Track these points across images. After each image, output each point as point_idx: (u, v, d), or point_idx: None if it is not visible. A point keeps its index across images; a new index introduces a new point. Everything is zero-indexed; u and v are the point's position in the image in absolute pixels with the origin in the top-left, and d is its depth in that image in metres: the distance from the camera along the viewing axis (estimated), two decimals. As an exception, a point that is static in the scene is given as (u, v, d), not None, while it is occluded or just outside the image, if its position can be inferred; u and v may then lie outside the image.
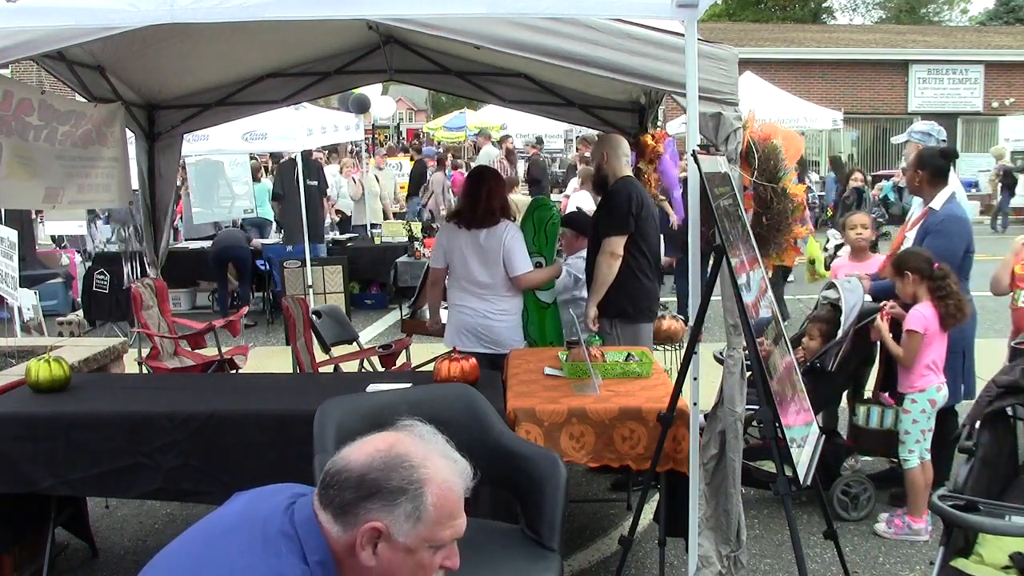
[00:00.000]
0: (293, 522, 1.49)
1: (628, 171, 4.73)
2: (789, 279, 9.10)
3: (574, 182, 11.64)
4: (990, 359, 5.41)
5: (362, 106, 10.13)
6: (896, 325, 4.05)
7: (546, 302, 4.67)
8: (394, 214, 13.67)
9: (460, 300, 4.42)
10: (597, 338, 4.12)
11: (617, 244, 4.42)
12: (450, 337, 4.42)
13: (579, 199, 9.35)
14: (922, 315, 3.91)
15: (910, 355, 3.94)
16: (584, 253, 5.47)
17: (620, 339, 4.47)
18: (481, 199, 4.29)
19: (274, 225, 11.62)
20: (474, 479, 1.55)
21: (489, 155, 14.68)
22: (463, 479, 1.53)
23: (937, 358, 3.99)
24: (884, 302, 4.15)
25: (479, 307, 4.34)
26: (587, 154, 12.59)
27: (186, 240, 11.00)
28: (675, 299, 8.67)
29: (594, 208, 8.90)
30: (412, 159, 17.72)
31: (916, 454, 4.00)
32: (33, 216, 10.02)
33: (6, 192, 3.96)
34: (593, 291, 4.52)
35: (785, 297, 8.50)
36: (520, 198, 9.69)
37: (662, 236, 5.80)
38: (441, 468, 1.50)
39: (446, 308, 6.51)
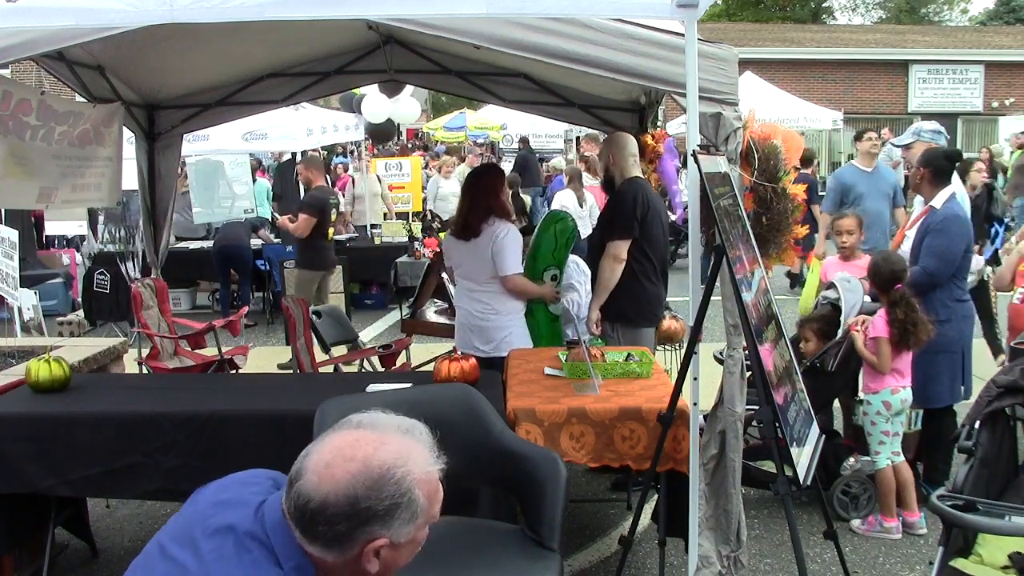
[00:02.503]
0: (264, 526, 1.44)
1: (636, 171, 4.63)
2: None
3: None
4: (989, 359, 5.41)
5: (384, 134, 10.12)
6: None
7: (557, 315, 4.67)
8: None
9: (459, 302, 4.50)
10: (599, 341, 4.11)
11: (620, 248, 4.40)
12: (457, 337, 4.52)
13: (563, 198, 9.33)
14: (884, 321, 3.94)
15: (884, 361, 3.95)
16: None
17: (621, 343, 4.46)
18: (462, 211, 4.39)
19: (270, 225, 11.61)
20: (442, 458, 1.48)
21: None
22: (431, 449, 1.47)
23: (899, 364, 3.99)
24: (859, 316, 4.16)
25: (472, 308, 4.38)
26: (587, 153, 12.52)
27: (178, 240, 10.95)
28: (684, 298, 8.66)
29: (577, 207, 8.96)
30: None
31: (883, 455, 4.00)
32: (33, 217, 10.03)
33: (2, 192, 3.97)
34: (596, 295, 4.50)
35: (780, 297, 8.44)
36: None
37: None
38: (417, 458, 1.44)
39: (434, 307, 6.57)
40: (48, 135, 4.13)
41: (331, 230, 7.65)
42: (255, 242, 10.32)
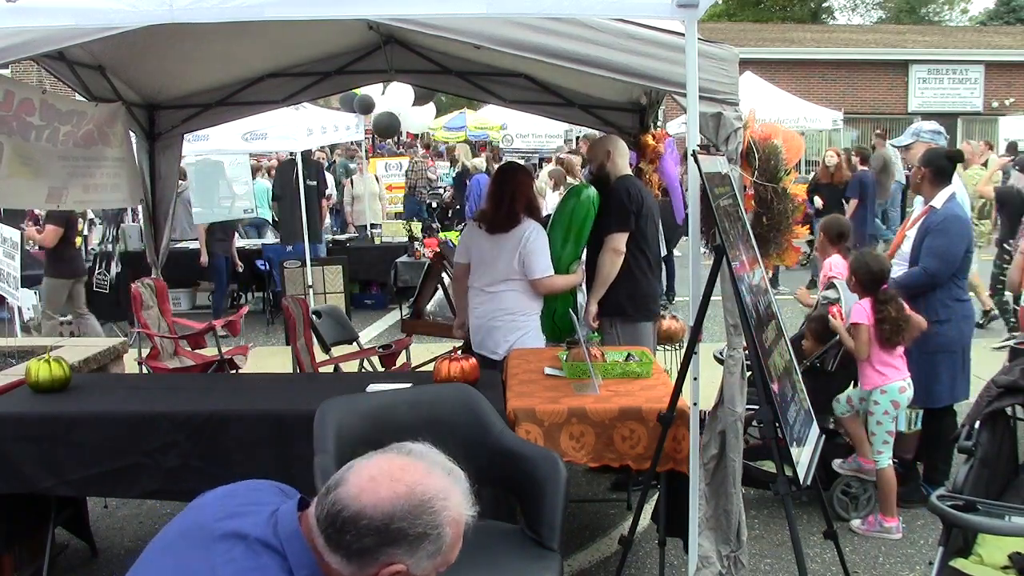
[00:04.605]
0: (277, 534, 1.45)
1: (628, 170, 4.74)
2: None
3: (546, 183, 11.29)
4: (989, 359, 5.42)
5: (366, 107, 10.16)
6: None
7: None
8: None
9: (475, 301, 4.39)
10: (596, 335, 4.10)
11: (619, 241, 4.42)
12: (472, 339, 4.41)
13: (553, 201, 9.29)
14: (862, 308, 3.94)
15: (862, 347, 3.95)
16: None
17: (620, 338, 4.47)
18: (504, 202, 4.23)
19: (271, 226, 11.60)
20: (470, 483, 1.52)
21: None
22: (468, 496, 1.50)
23: (895, 360, 3.97)
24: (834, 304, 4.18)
25: (490, 307, 4.29)
26: (562, 156, 12.57)
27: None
28: (684, 298, 8.66)
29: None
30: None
31: (885, 455, 4.00)
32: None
33: (8, 192, 3.97)
34: (594, 288, 4.50)
35: (780, 297, 8.40)
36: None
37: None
38: (458, 499, 1.47)
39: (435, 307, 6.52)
40: (53, 136, 4.13)
41: (78, 239, 8.07)
42: (255, 242, 10.32)
